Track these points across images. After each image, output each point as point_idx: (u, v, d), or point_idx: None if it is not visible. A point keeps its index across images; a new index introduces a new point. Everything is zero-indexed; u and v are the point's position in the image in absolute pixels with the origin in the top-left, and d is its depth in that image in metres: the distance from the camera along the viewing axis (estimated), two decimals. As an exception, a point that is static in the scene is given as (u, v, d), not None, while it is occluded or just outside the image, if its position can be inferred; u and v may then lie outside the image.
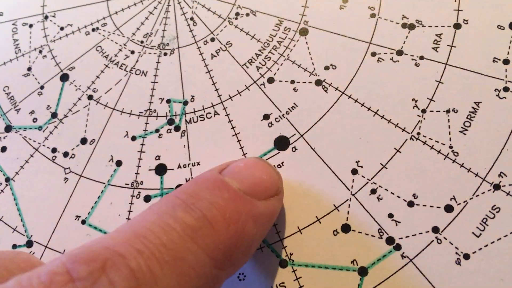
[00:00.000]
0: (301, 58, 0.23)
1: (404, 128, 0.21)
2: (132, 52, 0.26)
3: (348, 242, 0.20)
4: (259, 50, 0.24)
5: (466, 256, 0.18)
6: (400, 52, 0.22)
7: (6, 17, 0.29)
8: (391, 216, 0.20)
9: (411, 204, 0.20)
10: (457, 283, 0.18)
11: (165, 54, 0.25)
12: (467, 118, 0.20)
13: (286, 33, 0.23)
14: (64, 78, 0.26)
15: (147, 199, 0.23)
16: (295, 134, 0.22)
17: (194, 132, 0.23)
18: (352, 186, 0.20)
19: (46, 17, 0.28)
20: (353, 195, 0.20)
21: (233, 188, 0.17)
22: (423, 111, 0.21)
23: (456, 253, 0.19)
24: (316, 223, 0.20)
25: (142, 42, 0.26)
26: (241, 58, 0.24)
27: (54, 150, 0.25)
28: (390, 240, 0.19)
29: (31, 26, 0.28)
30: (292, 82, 0.22)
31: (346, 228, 0.20)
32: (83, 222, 0.23)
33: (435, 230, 0.19)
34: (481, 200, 0.19)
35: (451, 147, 0.20)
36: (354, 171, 0.20)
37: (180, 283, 0.14)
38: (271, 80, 0.23)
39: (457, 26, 0.21)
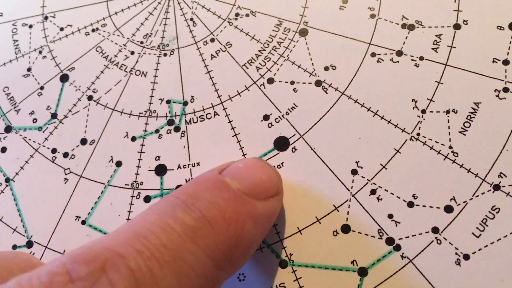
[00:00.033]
0: (301, 59, 0.23)
1: (404, 128, 0.21)
2: (132, 53, 0.26)
3: (348, 242, 0.20)
4: (259, 51, 0.24)
5: (466, 257, 0.18)
6: (400, 53, 0.22)
7: (6, 17, 0.29)
8: (391, 216, 0.20)
9: (411, 204, 0.20)
10: (457, 284, 0.18)
11: (165, 55, 0.25)
12: (466, 118, 0.20)
13: (286, 33, 0.23)
14: (64, 78, 0.26)
15: (147, 199, 0.23)
16: (295, 135, 0.22)
17: (194, 133, 0.23)
18: (352, 187, 0.20)
19: (46, 17, 0.28)
20: (353, 195, 0.20)
21: (233, 189, 0.17)
22: (423, 111, 0.21)
23: (456, 253, 0.19)
24: (316, 223, 0.20)
25: (142, 42, 0.26)
26: (241, 59, 0.24)
27: (54, 151, 0.25)
28: (390, 241, 0.19)
29: (31, 26, 0.28)
30: (292, 82, 0.22)
31: (346, 229, 0.20)
32: (83, 223, 0.23)
33: (435, 230, 0.19)
34: (481, 201, 0.19)
35: (451, 147, 0.20)
36: (354, 172, 0.20)
37: (180, 283, 0.14)
38: (271, 81, 0.23)
39: (457, 27, 0.21)
